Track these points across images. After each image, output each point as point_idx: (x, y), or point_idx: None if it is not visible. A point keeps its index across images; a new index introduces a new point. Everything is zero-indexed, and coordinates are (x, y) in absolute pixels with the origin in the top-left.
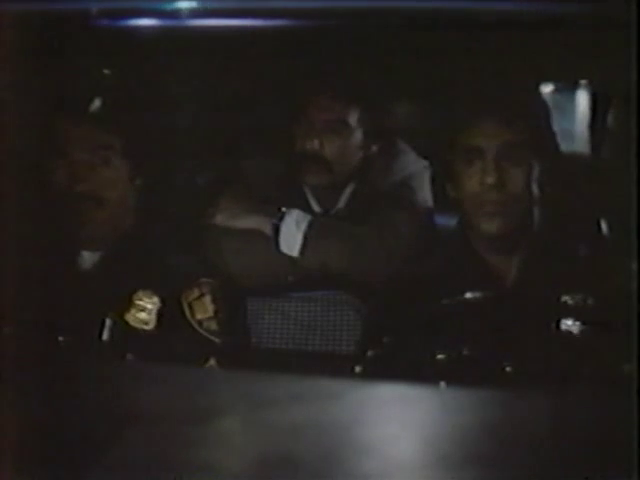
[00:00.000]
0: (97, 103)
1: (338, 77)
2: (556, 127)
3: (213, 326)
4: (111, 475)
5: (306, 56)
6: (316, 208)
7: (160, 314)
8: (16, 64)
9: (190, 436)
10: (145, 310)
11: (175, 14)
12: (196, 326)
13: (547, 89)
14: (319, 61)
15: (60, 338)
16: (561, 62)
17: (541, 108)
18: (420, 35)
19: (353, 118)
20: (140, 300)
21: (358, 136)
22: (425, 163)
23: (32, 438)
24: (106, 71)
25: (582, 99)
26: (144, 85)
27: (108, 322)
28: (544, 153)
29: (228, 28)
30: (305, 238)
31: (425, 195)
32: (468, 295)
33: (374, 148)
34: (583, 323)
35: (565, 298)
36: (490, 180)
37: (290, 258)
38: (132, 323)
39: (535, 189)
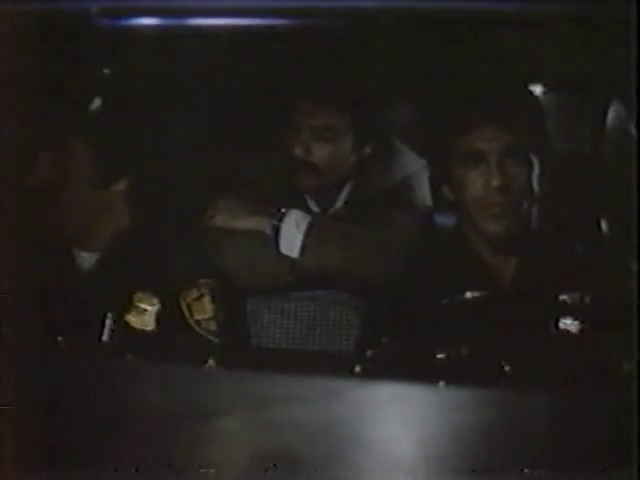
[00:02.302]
0: (96, 103)
1: (325, 83)
2: (556, 127)
3: (212, 326)
4: (111, 475)
5: (299, 57)
6: (314, 208)
7: (159, 315)
8: (16, 63)
9: (190, 436)
10: (145, 312)
11: (175, 14)
12: (195, 326)
13: (547, 89)
14: (309, 65)
15: (59, 338)
16: (560, 62)
17: (536, 108)
18: (415, 36)
19: (341, 123)
20: (140, 302)
21: (348, 141)
22: (424, 162)
23: (32, 438)
24: (106, 71)
25: (582, 99)
26: (143, 85)
27: (108, 323)
28: (544, 152)
29: (228, 28)
30: (305, 239)
31: (424, 195)
32: (467, 294)
33: (368, 150)
34: (582, 322)
35: (564, 297)
36: (495, 183)
37: (290, 258)
38: (132, 324)
39: (537, 189)
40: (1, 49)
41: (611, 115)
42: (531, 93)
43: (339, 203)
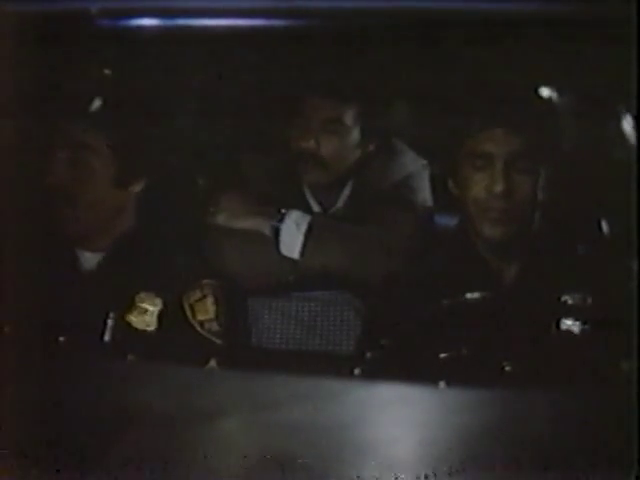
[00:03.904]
0: (96, 103)
1: (333, 76)
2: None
3: (214, 327)
4: (111, 475)
5: (303, 55)
6: (315, 208)
7: (162, 315)
8: (16, 63)
9: (190, 436)
10: (147, 312)
11: (175, 14)
12: (197, 327)
13: (549, 92)
14: (316, 60)
15: (61, 338)
16: (560, 63)
17: (552, 116)
18: (424, 37)
19: (349, 116)
20: (142, 302)
21: (355, 134)
22: (424, 162)
23: (33, 438)
24: (106, 71)
25: (581, 100)
26: (144, 85)
27: (110, 323)
28: (551, 159)
29: (228, 28)
30: (305, 240)
31: (425, 195)
32: (468, 295)
33: (371, 147)
34: (583, 323)
35: (565, 298)
36: (498, 188)
37: (291, 259)
38: (134, 325)
39: (540, 194)
40: (1, 50)
41: (610, 115)
42: (548, 100)
43: (340, 203)
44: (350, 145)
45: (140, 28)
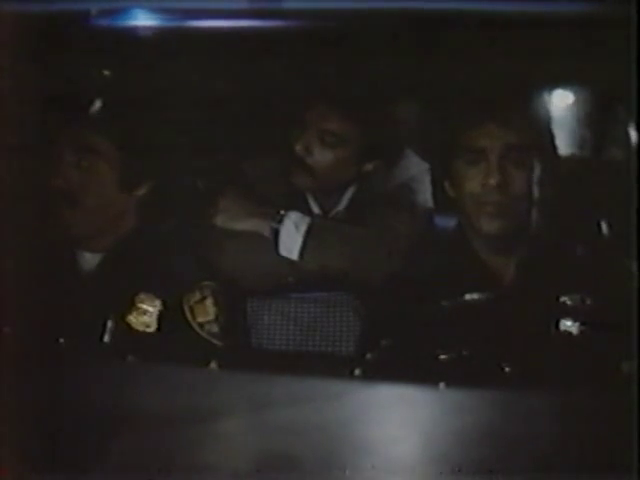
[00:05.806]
0: (97, 104)
1: (342, 90)
2: (556, 128)
3: (214, 329)
4: (111, 475)
5: (308, 59)
6: (316, 210)
7: (161, 317)
8: (16, 64)
9: (190, 436)
10: (147, 313)
11: (175, 14)
12: (197, 329)
13: (548, 90)
14: (324, 66)
15: (61, 339)
16: (561, 62)
17: (542, 109)
18: (421, 36)
19: (349, 134)
20: (142, 303)
21: (351, 153)
22: (426, 166)
23: (32, 438)
24: (106, 71)
25: (582, 99)
26: (144, 85)
27: (109, 324)
28: (545, 154)
29: (228, 28)
30: (304, 241)
31: (426, 197)
32: (467, 296)
33: (369, 166)
34: (582, 323)
35: (564, 298)
36: (493, 182)
37: (290, 260)
38: (134, 326)
39: (536, 190)
40: (1, 50)
41: (611, 115)
42: (538, 93)
43: (342, 205)
44: (343, 162)
45: (140, 28)
